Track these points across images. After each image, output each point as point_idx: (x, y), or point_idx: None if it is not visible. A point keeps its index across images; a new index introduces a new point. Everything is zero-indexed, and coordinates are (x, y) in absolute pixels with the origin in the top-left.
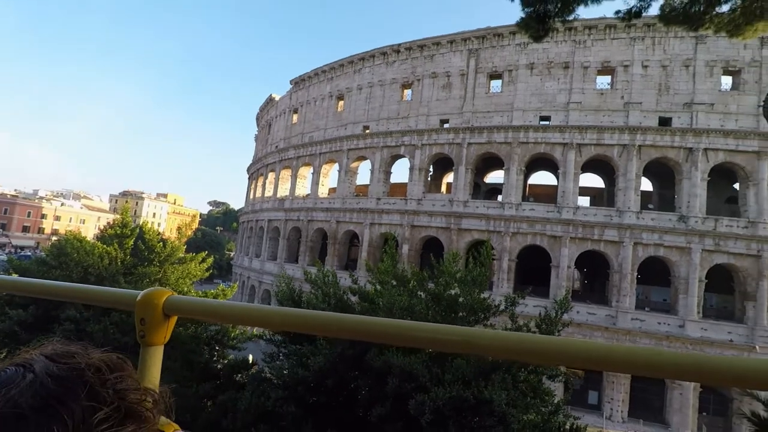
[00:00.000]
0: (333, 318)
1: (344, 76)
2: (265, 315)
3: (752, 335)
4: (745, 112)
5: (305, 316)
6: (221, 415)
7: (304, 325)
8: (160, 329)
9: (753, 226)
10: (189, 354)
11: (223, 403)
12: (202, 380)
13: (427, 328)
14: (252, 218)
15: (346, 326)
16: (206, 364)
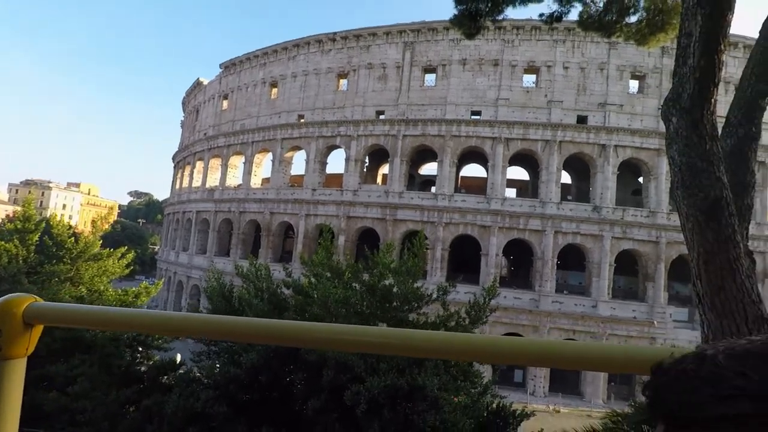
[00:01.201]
0: (244, 324)
1: (278, 63)
2: (157, 322)
3: (651, 312)
4: (649, 114)
5: (214, 322)
6: (145, 421)
7: (211, 331)
8: (20, 340)
9: (653, 215)
10: (107, 358)
11: (148, 408)
12: (123, 385)
13: (357, 332)
14: (179, 209)
15: (253, 331)
16: (128, 367)
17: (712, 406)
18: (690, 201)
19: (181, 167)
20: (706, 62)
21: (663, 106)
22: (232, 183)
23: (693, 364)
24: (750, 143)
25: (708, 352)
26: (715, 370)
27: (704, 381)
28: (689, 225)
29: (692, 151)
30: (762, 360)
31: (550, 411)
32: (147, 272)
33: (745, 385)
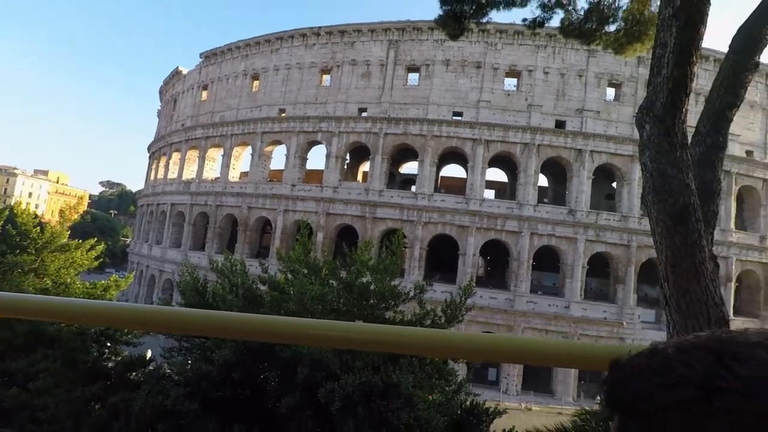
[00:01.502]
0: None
1: (260, 55)
2: (124, 315)
3: (621, 313)
4: (624, 121)
5: (185, 315)
6: (112, 418)
7: (182, 326)
8: None
9: (625, 219)
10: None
11: (115, 405)
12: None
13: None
14: (153, 201)
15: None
16: (94, 363)
17: (660, 395)
18: (660, 206)
19: (157, 158)
20: (679, 73)
21: (637, 114)
22: (209, 176)
23: (645, 358)
24: (717, 152)
25: (659, 347)
26: (663, 362)
27: (654, 372)
28: (658, 229)
29: (663, 158)
30: (706, 351)
31: (522, 409)
32: (118, 265)
33: (689, 374)
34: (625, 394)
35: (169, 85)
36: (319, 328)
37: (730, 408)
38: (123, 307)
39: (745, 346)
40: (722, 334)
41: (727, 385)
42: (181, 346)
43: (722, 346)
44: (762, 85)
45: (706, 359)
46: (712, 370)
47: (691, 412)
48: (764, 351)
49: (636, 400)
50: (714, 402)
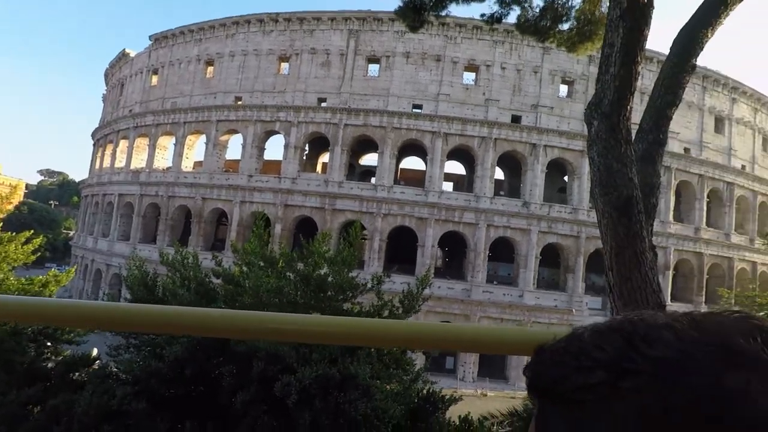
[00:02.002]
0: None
1: (215, 40)
2: (63, 312)
3: (570, 301)
4: (575, 117)
5: (132, 312)
6: (52, 422)
7: (129, 323)
8: None
9: (575, 212)
10: (7, 354)
11: (55, 408)
12: (25, 384)
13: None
14: (98, 192)
15: (177, 322)
16: (31, 364)
17: (574, 378)
18: (605, 199)
19: (102, 145)
20: (625, 72)
21: (586, 110)
22: (160, 165)
23: (565, 342)
24: (658, 148)
25: (578, 331)
26: (580, 345)
27: (570, 356)
28: (604, 221)
29: (609, 153)
30: (617, 333)
31: (478, 395)
32: (60, 260)
33: (601, 357)
34: (544, 378)
35: (116, 68)
36: (276, 322)
37: (637, 389)
38: (64, 304)
39: (654, 327)
40: (634, 317)
41: (636, 366)
42: (129, 343)
43: (633, 328)
44: (699, 87)
45: (617, 342)
46: (622, 352)
47: (602, 393)
48: (671, 332)
49: (553, 384)
50: (622, 383)
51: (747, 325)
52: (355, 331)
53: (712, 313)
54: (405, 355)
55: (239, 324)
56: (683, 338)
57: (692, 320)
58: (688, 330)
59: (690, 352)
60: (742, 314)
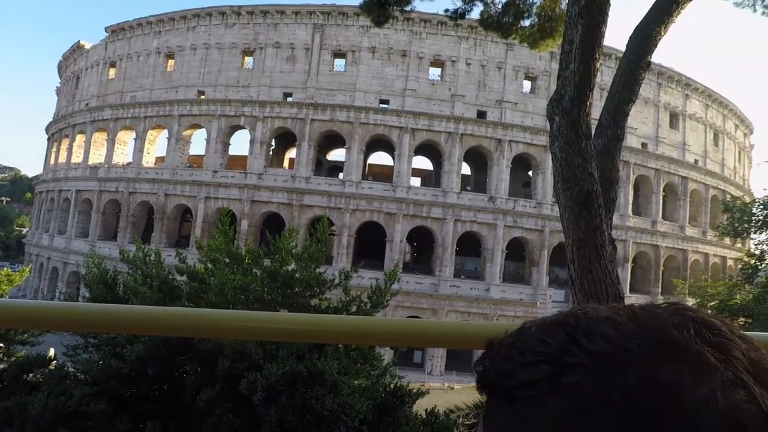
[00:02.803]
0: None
1: (175, 32)
2: (13, 312)
3: (535, 294)
4: (539, 113)
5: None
6: (4, 424)
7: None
8: None
9: (540, 206)
10: None
11: (8, 410)
12: None
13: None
14: (54, 188)
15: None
16: None
17: (520, 373)
18: (567, 193)
19: (57, 140)
20: (584, 68)
21: (548, 106)
22: (120, 160)
23: (513, 336)
24: (616, 143)
25: (527, 326)
26: (526, 340)
27: (517, 350)
28: (566, 215)
29: (570, 149)
30: (562, 328)
31: (445, 388)
32: (13, 258)
33: (544, 351)
34: (491, 373)
35: (70, 61)
36: (243, 320)
37: (576, 384)
38: (17, 305)
39: (595, 321)
40: (578, 311)
41: (576, 360)
42: (87, 342)
43: (575, 322)
44: (654, 83)
45: (560, 336)
46: (564, 347)
47: (541, 388)
48: (611, 325)
49: (499, 378)
50: (563, 378)
51: (681, 317)
52: (324, 328)
53: (650, 305)
54: (373, 350)
55: (206, 323)
56: (622, 332)
57: (631, 313)
58: (626, 323)
59: (627, 346)
60: (678, 306)
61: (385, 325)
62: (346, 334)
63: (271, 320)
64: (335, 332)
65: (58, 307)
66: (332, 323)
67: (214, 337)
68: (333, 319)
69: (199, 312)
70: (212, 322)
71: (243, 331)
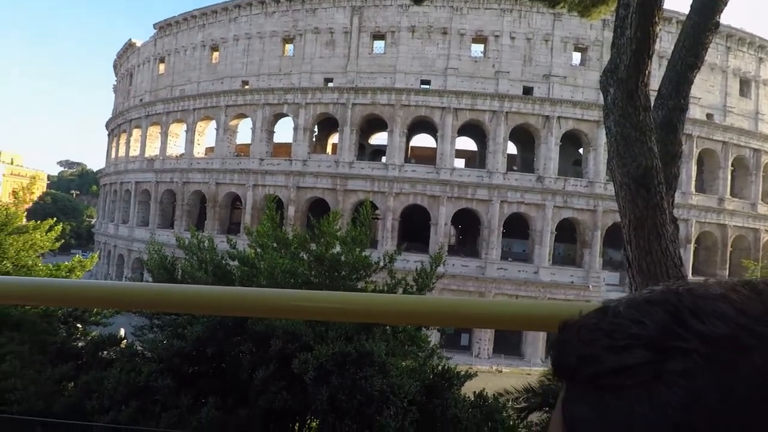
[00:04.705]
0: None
1: (218, 24)
2: (88, 293)
3: (587, 277)
4: (590, 86)
5: (155, 291)
6: (84, 397)
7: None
8: None
9: (591, 185)
10: (40, 335)
11: (87, 384)
12: (59, 362)
13: (310, 297)
14: (116, 180)
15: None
16: (63, 344)
17: (608, 358)
18: (624, 170)
19: (116, 135)
20: (641, 34)
21: (602, 77)
22: (173, 152)
23: (595, 317)
24: (679, 115)
25: (611, 305)
26: (614, 321)
27: (602, 332)
28: (622, 193)
29: (627, 122)
30: (660, 306)
31: (493, 371)
32: (84, 246)
33: (640, 333)
34: (571, 357)
35: (123, 59)
36: (293, 299)
37: (687, 372)
38: (90, 285)
39: (706, 299)
40: (679, 287)
41: (684, 345)
42: (152, 324)
43: (679, 300)
44: (722, 47)
45: (660, 316)
46: (667, 328)
47: (641, 376)
48: (727, 304)
49: (582, 364)
50: (669, 365)
51: None
52: (374, 307)
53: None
54: (420, 331)
55: (257, 302)
56: (744, 311)
57: (754, 290)
58: (748, 301)
59: (752, 327)
60: None
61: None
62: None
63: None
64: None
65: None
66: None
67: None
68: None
69: (252, 291)
70: (263, 301)
71: (293, 310)
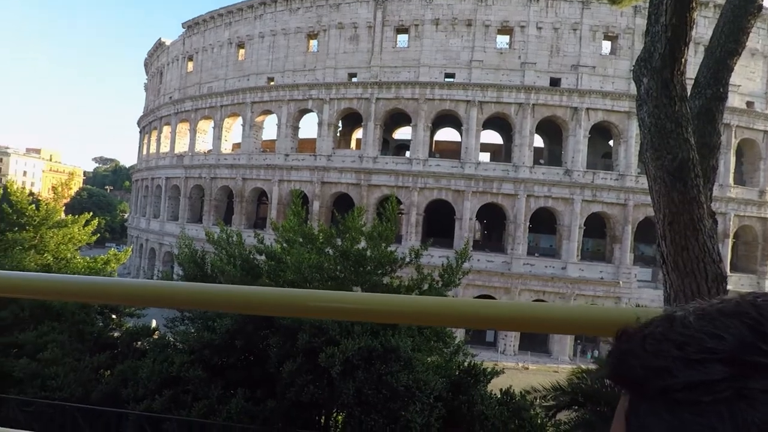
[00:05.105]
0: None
1: (244, 22)
2: (121, 291)
3: (617, 273)
4: (620, 76)
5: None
6: (120, 385)
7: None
8: None
9: (622, 178)
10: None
11: (122, 373)
12: (96, 351)
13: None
14: (147, 176)
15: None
16: (100, 334)
17: (681, 372)
18: (658, 162)
19: (148, 132)
20: (677, 20)
21: (634, 67)
22: (201, 148)
23: (661, 326)
24: (717, 104)
25: (677, 314)
26: (684, 332)
27: (673, 344)
28: (656, 186)
29: (662, 113)
30: (738, 319)
31: (519, 368)
32: (118, 240)
33: (717, 347)
34: (636, 368)
35: (154, 57)
36: (320, 300)
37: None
38: (124, 283)
39: None
40: (756, 298)
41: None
42: (183, 316)
43: (759, 312)
44: (763, 32)
45: (739, 329)
46: (748, 343)
47: (720, 393)
48: None
49: (650, 376)
50: (750, 382)
51: None
52: (406, 309)
53: None
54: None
55: (286, 302)
56: None
57: None
58: None
59: None
60: None
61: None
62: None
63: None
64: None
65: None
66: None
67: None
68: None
69: (277, 291)
70: (289, 301)
71: (319, 311)
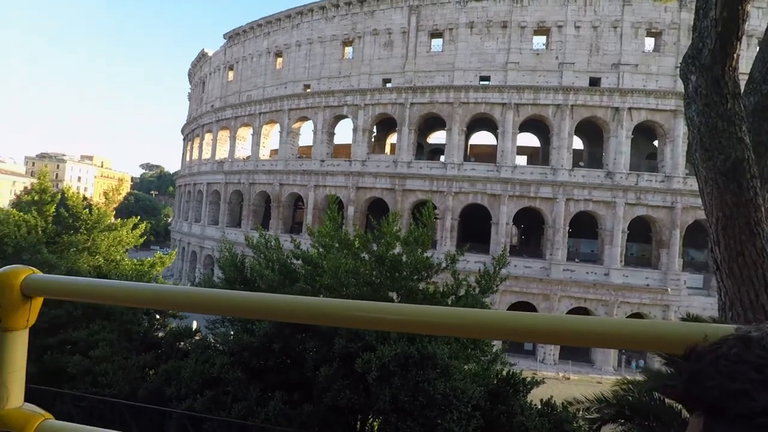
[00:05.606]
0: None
1: (282, 32)
2: (160, 297)
3: (665, 279)
4: (665, 73)
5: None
6: (164, 384)
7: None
8: (19, 312)
9: (668, 180)
10: (126, 325)
11: (166, 372)
12: (142, 350)
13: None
14: (190, 182)
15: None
16: (146, 333)
17: (762, 395)
18: (709, 163)
19: (190, 139)
20: (728, 13)
21: (682, 64)
22: (241, 155)
23: (736, 347)
24: None
25: (753, 335)
26: (764, 354)
27: (751, 367)
28: (708, 189)
29: (712, 111)
30: None
31: (560, 378)
32: (162, 243)
33: None
34: (713, 390)
35: (197, 68)
36: (360, 310)
37: None
38: (167, 290)
39: None
40: None
41: None
42: (223, 318)
43: None
44: None
45: None
46: None
47: None
48: None
49: (727, 399)
50: None
51: None
52: (448, 321)
53: None
54: None
55: (325, 311)
56: None
57: None
58: None
59: None
60: None
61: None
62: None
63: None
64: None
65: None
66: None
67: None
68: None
69: (312, 300)
70: (326, 310)
71: (354, 320)
